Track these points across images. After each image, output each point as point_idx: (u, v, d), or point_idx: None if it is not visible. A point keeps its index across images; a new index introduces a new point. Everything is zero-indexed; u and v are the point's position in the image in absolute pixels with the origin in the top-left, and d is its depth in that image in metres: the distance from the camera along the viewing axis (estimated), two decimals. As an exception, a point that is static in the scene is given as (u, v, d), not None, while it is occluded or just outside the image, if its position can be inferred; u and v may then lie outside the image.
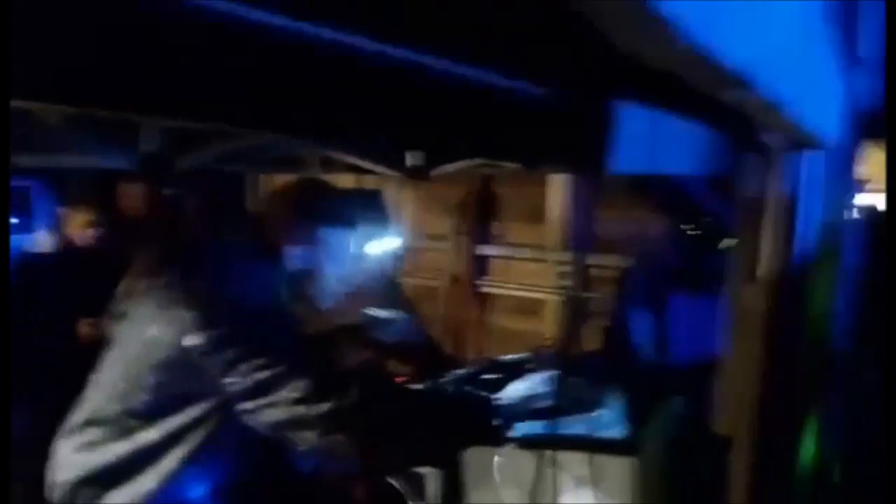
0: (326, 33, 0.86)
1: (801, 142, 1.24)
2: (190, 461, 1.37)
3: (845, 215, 1.80)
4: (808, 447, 1.79)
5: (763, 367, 1.31)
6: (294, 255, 1.52)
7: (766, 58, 0.66)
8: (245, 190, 4.99)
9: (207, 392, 1.34)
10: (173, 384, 1.36)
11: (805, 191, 1.38)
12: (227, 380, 1.30)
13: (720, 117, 1.07)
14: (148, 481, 1.36)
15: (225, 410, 1.34)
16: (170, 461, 1.36)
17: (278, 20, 0.79)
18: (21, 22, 0.64)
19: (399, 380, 2.09)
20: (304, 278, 1.54)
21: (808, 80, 0.96)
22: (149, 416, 1.37)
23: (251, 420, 1.33)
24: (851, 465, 2.29)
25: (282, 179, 4.82)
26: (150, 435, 1.36)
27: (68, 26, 0.69)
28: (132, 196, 2.98)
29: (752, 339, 1.31)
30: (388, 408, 1.42)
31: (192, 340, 1.31)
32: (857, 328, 1.71)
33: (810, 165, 1.36)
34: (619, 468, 1.56)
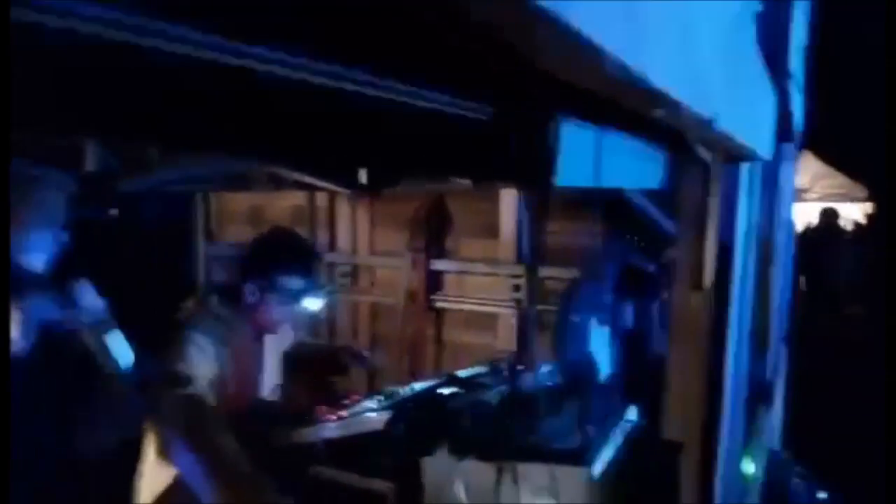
0: (274, 54, 0.86)
1: (736, 154, 1.29)
2: None
3: (783, 223, 1.87)
4: (756, 447, 1.84)
5: (709, 372, 1.36)
6: None
7: (694, 77, 0.70)
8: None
9: None
10: None
11: (744, 201, 1.43)
12: None
13: (656, 134, 1.11)
14: None
15: None
16: None
17: (225, 42, 0.80)
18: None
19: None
20: None
21: (738, 97, 1.01)
22: None
23: None
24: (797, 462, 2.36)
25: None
26: None
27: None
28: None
29: (697, 344, 1.36)
30: None
31: None
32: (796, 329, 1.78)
33: (748, 177, 1.41)
34: (576, 477, 1.58)
